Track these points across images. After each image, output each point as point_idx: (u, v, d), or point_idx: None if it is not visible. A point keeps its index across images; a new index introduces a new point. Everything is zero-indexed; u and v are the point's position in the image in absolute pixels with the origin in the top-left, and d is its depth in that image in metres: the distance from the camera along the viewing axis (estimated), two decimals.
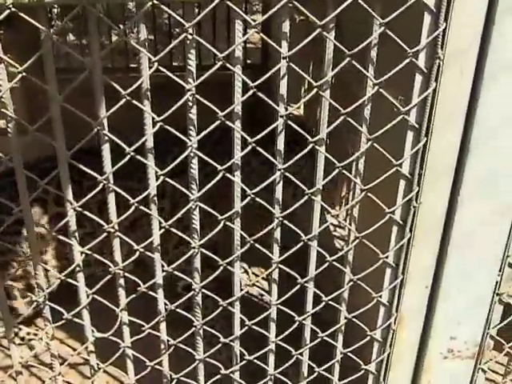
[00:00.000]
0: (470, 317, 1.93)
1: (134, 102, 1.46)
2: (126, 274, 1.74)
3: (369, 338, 1.95)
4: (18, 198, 1.56)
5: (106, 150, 1.55)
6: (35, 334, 2.86)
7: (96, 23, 1.42)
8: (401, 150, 1.68)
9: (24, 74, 1.39)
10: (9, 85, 1.43)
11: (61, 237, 1.64)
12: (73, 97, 1.47)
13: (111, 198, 1.62)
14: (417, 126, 1.64)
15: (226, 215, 1.66)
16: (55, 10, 5.23)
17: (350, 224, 1.76)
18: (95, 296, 1.73)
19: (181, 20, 1.44)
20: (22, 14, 1.34)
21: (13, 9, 1.33)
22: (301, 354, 1.94)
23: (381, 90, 1.56)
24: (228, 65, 1.48)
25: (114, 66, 4.63)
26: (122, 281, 1.75)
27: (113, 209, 1.64)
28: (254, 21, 1.45)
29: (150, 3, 1.38)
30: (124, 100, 1.45)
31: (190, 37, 1.46)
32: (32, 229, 1.64)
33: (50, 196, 2.70)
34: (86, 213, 1.62)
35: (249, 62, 4.60)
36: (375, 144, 1.63)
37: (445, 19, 1.49)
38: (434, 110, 1.60)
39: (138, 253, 1.67)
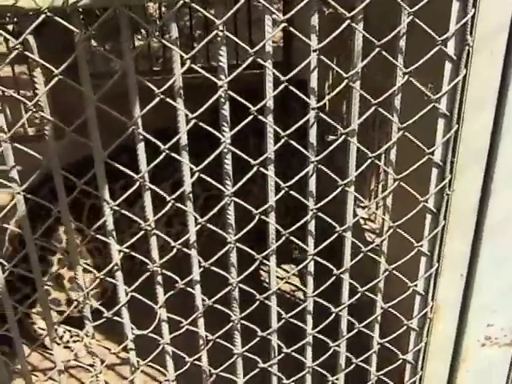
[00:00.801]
0: (506, 303, 1.93)
1: (168, 99, 1.48)
2: (164, 271, 1.76)
3: (405, 327, 1.95)
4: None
5: (140, 149, 1.57)
6: (77, 335, 2.90)
7: (127, 25, 1.45)
8: (432, 137, 1.69)
9: (60, 76, 1.42)
10: (45, 88, 1.46)
11: (99, 236, 1.67)
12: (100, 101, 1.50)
13: (147, 197, 1.65)
14: (448, 113, 1.64)
15: (261, 209, 1.68)
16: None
17: (384, 214, 1.77)
18: (135, 294, 1.76)
19: (212, 17, 1.46)
20: (57, 18, 1.38)
21: (48, 14, 1.36)
22: (338, 345, 1.95)
23: (411, 78, 1.56)
24: (260, 60, 1.50)
25: (139, 69, 4.68)
26: (159, 278, 1.78)
27: (149, 207, 1.67)
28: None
29: (182, 2, 1.40)
30: (157, 99, 1.47)
31: (220, 34, 1.48)
32: (70, 229, 1.68)
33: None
34: (125, 212, 1.65)
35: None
36: (406, 133, 1.63)
37: (473, 5, 1.50)
38: (465, 96, 1.60)
39: (175, 250, 1.70)
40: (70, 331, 2.91)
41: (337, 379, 2.03)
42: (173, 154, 1.56)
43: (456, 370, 2.01)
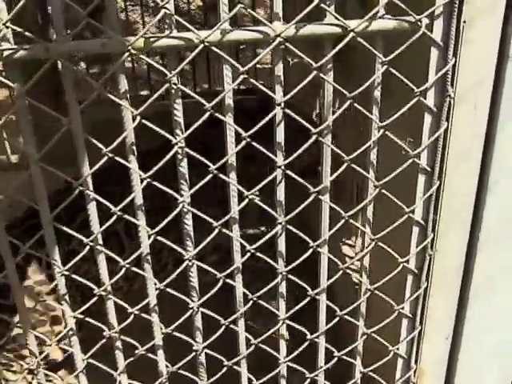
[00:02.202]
0: (494, 366, 1.79)
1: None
2: (123, 337, 1.63)
3: None
4: None
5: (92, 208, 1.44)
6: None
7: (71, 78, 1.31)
8: (412, 194, 1.54)
9: None
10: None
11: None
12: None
13: (102, 259, 1.51)
14: (428, 168, 1.50)
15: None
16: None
17: (361, 275, 1.63)
18: (92, 361, 1.62)
19: (162, 69, 1.32)
20: None
21: None
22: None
23: (387, 132, 1.43)
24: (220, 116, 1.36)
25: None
26: (119, 343, 1.64)
27: (104, 271, 1.53)
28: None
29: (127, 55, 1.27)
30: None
31: (174, 86, 1.34)
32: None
33: None
34: None
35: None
36: (384, 191, 1.49)
37: (454, 54, 1.36)
38: (447, 150, 1.46)
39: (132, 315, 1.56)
40: None
41: None
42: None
43: None
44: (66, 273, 1.50)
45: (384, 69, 1.37)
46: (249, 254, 1.53)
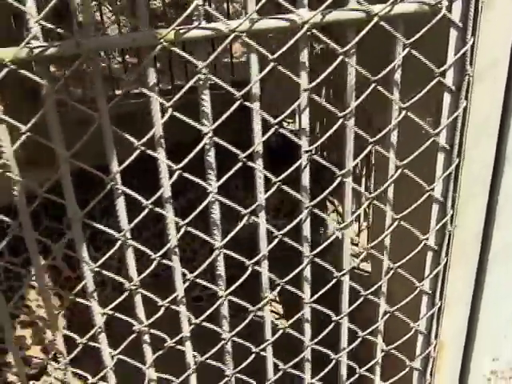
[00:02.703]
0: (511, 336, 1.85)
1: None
2: (152, 331, 1.63)
3: (408, 368, 1.85)
4: None
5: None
6: None
7: (99, 72, 1.31)
8: (432, 172, 1.58)
9: (28, 133, 1.28)
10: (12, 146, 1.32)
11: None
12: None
13: (130, 254, 1.51)
14: (448, 147, 1.54)
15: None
16: None
17: (383, 254, 1.66)
18: (121, 357, 1.62)
19: (193, 60, 1.33)
20: (23, 72, 1.23)
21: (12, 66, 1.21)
22: None
23: (409, 113, 1.46)
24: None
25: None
26: (147, 337, 1.64)
27: (132, 264, 1.53)
28: None
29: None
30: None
31: (202, 77, 1.35)
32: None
33: None
34: None
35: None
36: (406, 170, 1.53)
37: (472, 34, 1.40)
38: (466, 128, 1.50)
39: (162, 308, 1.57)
40: None
41: None
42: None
43: None
44: (96, 269, 1.50)
45: (406, 51, 1.40)
46: (276, 241, 1.55)
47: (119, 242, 1.47)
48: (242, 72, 4.48)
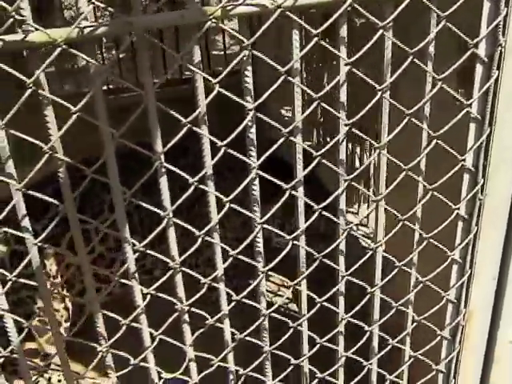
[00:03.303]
0: None
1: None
2: (192, 309, 1.65)
3: (438, 337, 1.89)
4: None
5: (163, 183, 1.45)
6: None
7: (145, 48, 1.32)
8: (461, 143, 1.63)
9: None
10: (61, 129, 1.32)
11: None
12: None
13: (171, 233, 1.53)
14: (480, 117, 1.58)
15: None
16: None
17: (414, 224, 1.70)
18: (162, 337, 1.64)
19: (238, 35, 1.35)
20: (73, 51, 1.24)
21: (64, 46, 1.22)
22: (370, 363, 1.87)
23: (443, 85, 1.50)
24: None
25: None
26: (186, 316, 1.66)
27: (174, 244, 1.55)
28: None
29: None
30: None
31: (247, 53, 1.37)
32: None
33: None
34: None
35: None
36: (439, 141, 1.57)
37: (506, 4, 1.44)
38: (497, 98, 1.54)
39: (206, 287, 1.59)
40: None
41: None
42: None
43: (488, 372, 1.97)
44: (142, 249, 1.51)
45: (442, 25, 1.43)
46: (316, 215, 1.57)
47: (165, 221, 1.49)
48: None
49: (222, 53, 4.68)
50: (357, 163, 3.12)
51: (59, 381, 2.74)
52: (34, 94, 1.25)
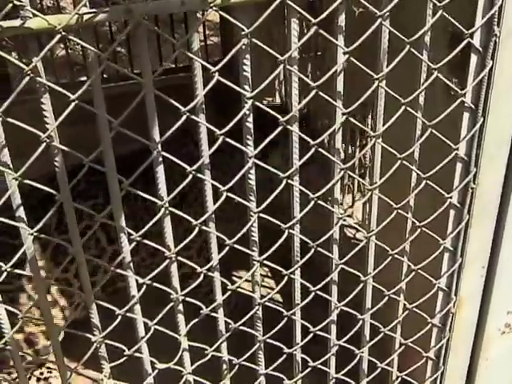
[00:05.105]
0: None
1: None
2: (187, 298, 1.65)
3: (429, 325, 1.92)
4: None
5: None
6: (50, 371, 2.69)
7: (145, 36, 1.31)
8: (454, 132, 1.64)
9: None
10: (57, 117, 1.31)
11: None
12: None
13: (167, 223, 1.52)
14: (473, 106, 1.60)
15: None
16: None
17: (407, 213, 1.71)
18: (157, 327, 1.63)
19: (239, 24, 1.34)
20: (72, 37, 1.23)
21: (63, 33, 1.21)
22: (362, 351, 1.89)
23: (439, 74, 1.51)
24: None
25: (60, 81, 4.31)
26: (180, 306, 1.65)
27: (170, 235, 1.54)
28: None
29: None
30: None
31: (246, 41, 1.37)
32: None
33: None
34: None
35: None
36: (433, 130, 1.58)
37: None
38: (491, 88, 1.56)
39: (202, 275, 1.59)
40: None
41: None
42: None
43: (477, 359, 2.00)
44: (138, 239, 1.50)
45: (439, 14, 1.44)
46: (313, 203, 1.58)
47: (162, 210, 1.48)
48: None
49: (203, 43, 4.64)
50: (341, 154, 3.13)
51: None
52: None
